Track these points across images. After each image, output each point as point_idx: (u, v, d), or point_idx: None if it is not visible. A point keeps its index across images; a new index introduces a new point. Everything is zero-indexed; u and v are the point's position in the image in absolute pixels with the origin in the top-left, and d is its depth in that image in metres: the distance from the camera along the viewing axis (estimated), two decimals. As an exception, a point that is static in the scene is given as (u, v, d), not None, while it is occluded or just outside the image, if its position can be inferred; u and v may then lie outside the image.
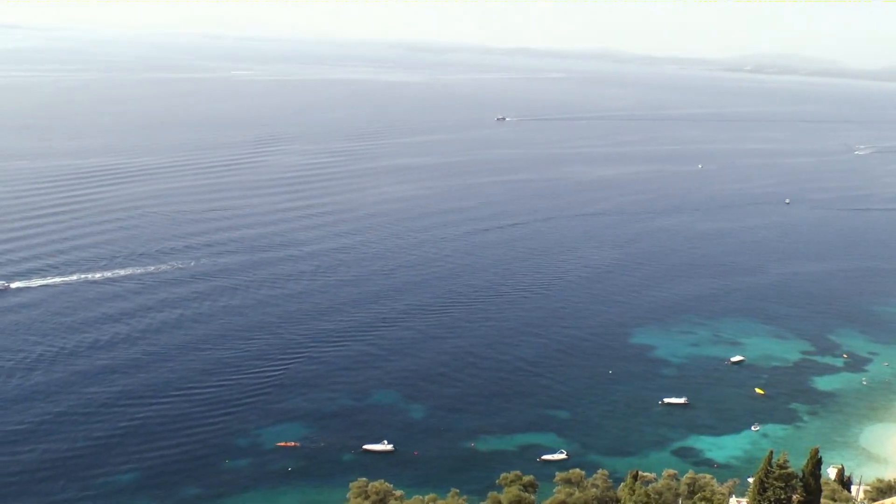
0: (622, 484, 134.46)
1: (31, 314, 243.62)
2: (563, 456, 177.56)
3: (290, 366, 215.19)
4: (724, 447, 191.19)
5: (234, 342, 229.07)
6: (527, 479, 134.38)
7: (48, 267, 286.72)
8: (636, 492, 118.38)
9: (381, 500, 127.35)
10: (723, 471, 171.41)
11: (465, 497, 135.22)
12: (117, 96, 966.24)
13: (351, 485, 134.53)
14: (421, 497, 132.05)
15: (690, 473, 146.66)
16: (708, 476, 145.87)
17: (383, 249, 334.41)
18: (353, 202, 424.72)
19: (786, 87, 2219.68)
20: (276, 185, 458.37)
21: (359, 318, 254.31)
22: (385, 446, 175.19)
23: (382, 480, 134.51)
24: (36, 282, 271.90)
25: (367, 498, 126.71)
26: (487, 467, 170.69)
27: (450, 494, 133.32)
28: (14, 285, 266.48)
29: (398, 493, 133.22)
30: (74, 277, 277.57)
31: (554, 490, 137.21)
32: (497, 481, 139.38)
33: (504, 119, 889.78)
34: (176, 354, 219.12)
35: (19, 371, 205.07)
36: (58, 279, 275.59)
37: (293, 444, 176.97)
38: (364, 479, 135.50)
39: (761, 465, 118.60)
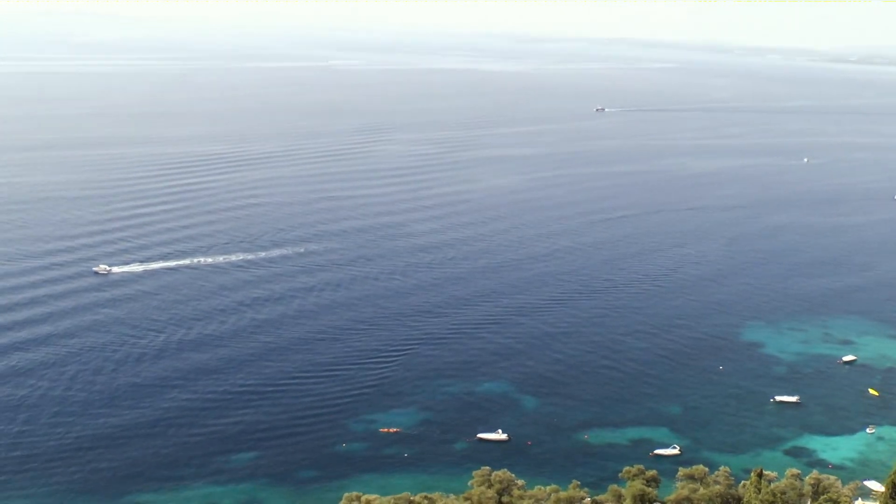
0: (745, 482, 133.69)
1: (146, 299, 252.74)
2: (675, 451, 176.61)
3: (403, 355, 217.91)
4: (838, 448, 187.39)
5: (349, 332, 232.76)
6: (650, 473, 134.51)
7: (159, 253, 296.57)
8: (762, 490, 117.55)
9: (504, 489, 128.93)
10: (837, 472, 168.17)
11: (585, 489, 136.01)
12: (223, 84, 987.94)
13: (474, 473, 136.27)
14: (542, 487, 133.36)
15: (814, 474, 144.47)
16: (832, 477, 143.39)
17: (491, 241, 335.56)
18: (460, 193, 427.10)
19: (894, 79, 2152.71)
20: (382, 175, 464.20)
21: (469, 310, 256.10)
22: (499, 435, 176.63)
23: (505, 469, 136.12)
24: (144, 267, 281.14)
25: (490, 486, 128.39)
26: (601, 460, 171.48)
27: (570, 486, 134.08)
28: (117, 269, 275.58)
29: (520, 482, 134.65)
30: (186, 262, 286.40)
31: (676, 485, 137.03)
32: (620, 475, 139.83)
33: (603, 110, 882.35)
34: (292, 343, 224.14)
35: (139, 356, 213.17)
36: (170, 263, 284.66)
37: (395, 430, 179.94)
38: (487, 467, 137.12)
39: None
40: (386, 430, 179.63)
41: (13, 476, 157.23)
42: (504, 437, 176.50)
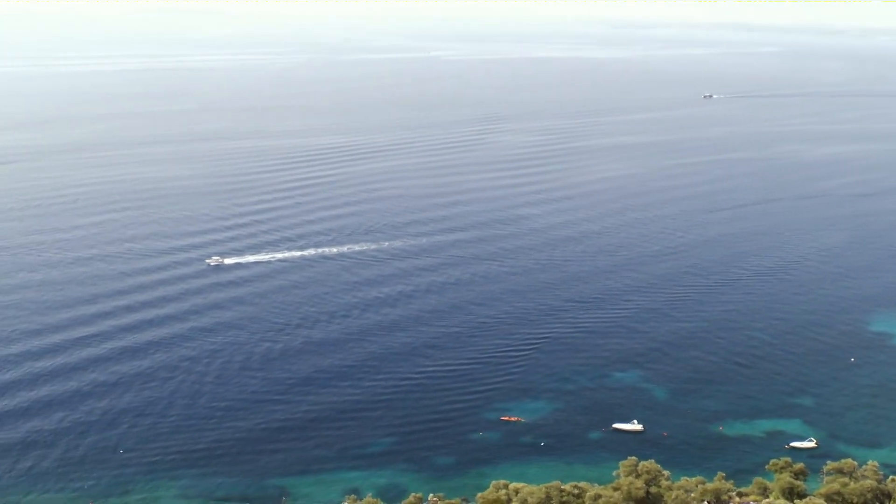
0: (893, 477, 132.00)
1: (267, 292, 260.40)
2: (811, 444, 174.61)
3: (535, 348, 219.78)
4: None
5: (479, 325, 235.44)
6: (797, 466, 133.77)
7: (273, 245, 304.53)
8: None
9: (652, 480, 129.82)
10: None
11: (731, 481, 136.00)
12: (333, 77, 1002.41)
13: (621, 463, 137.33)
14: (688, 478, 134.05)
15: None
16: None
17: (611, 233, 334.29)
18: (574, 184, 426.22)
19: None
20: (495, 165, 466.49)
21: (594, 300, 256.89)
22: (635, 426, 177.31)
23: (652, 460, 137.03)
24: (255, 258, 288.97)
25: (638, 476, 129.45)
26: (736, 452, 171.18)
27: (716, 478, 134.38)
28: (229, 261, 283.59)
29: (666, 473, 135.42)
30: (310, 252, 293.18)
31: (824, 479, 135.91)
32: (766, 467, 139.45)
33: (711, 96, 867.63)
34: (424, 333, 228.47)
35: (271, 348, 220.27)
36: (294, 253, 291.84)
37: (516, 419, 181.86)
38: (633, 457, 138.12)
39: None
40: (506, 418, 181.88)
41: (171, 462, 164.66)
42: (639, 427, 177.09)
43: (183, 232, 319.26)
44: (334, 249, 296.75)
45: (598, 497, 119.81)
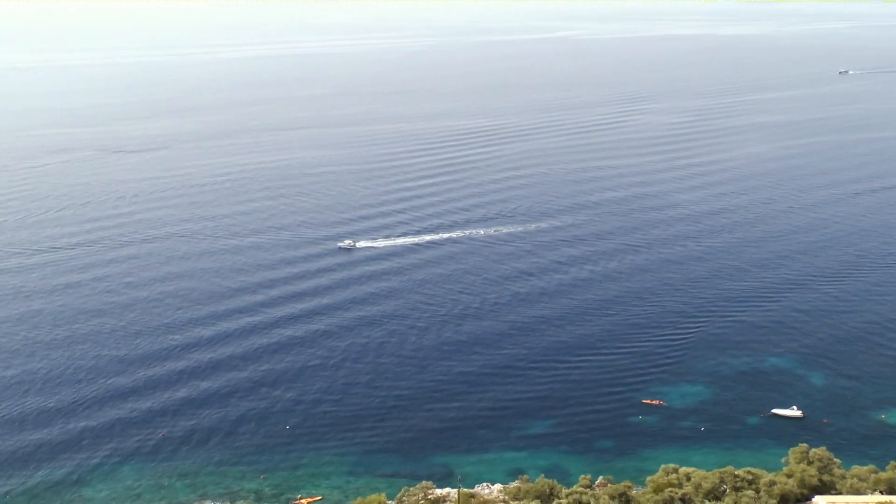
0: None
1: (419, 271, 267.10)
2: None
3: (692, 331, 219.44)
4: None
5: (632, 308, 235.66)
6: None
7: (410, 228, 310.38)
8: None
9: (824, 468, 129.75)
10: None
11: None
12: (460, 59, 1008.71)
13: (791, 450, 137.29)
14: (860, 466, 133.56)
15: None
16: None
17: (756, 214, 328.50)
18: (716, 162, 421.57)
19: None
20: (635, 145, 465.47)
21: (747, 285, 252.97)
22: (794, 412, 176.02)
23: (824, 447, 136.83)
24: (397, 241, 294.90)
25: (810, 463, 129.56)
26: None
27: (889, 467, 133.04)
28: (361, 244, 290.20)
29: (837, 461, 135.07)
30: (451, 234, 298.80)
31: None
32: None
33: (847, 72, 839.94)
34: (574, 318, 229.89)
35: (428, 327, 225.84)
36: (442, 235, 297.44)
37: (658, 402, 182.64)
38: (804, 444, 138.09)
39: None
40: (648, 401, 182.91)
41: (337, 439, 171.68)
42: (798, 413, 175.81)
43: (321, 217, 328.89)
44: (481, 231, 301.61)
45: (772, 484, 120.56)
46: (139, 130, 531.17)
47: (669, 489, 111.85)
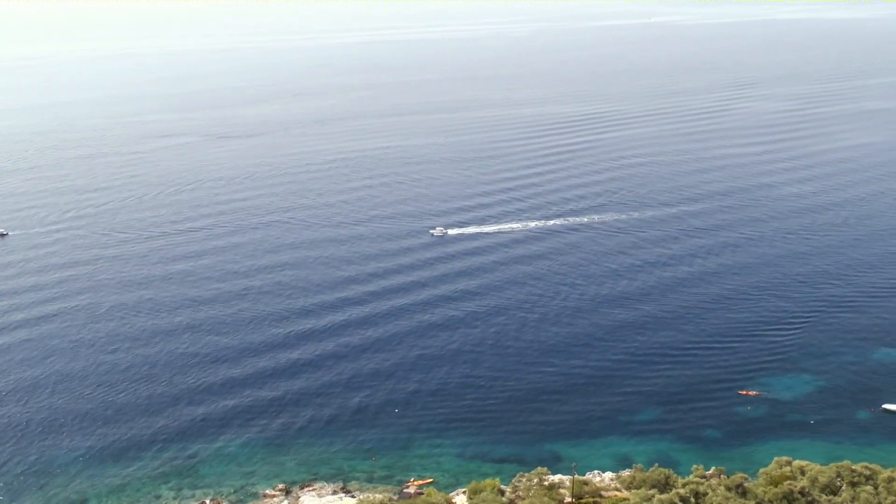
0: None
1: (524, 257, 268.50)
2: None
3: (797, 322, 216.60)
4: None
5: (741, 298, 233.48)
6: None
7: (527, 212, 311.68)
8: None
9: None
10: None
11: None
12: (562, 45, 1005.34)
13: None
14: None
15: None
16: None
17: (868, 205, 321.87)
18: (825, 152, 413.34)
19: None
20: (746, 132, 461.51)
21: (860, 278, 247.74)
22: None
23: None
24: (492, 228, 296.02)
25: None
26: None
27: None
28: (452, 232, 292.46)
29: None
30: (557, 223, 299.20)
31: None
32: None
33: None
34: (687, 308, 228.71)
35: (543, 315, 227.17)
36: (541, 224, 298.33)
37: (754, 392, 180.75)
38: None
39: None
40: (744, 392, 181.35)
41: (446, 422, 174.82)
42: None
43: (419, 204, 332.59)
44: (584, 219, 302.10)
45: (891, 480, 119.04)
46: (248, 116, 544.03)
47: (788, 482, 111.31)
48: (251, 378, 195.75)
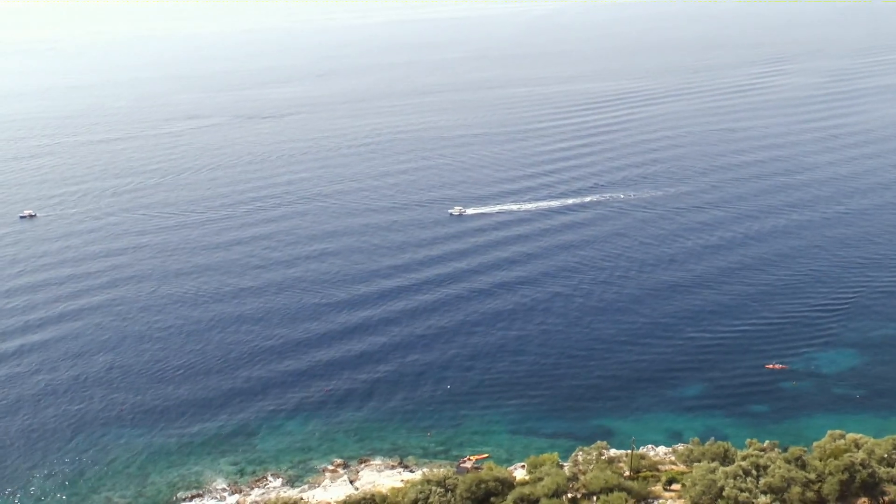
0: None
1: (575, 236, 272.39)
2: None
3: (846, 298, 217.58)
4: None
5: (778, 277, 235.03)
6: None
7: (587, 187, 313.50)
8: None
9: None
10: None
11: None
12: (588, 22, 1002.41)
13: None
14: None
15: None
16: None
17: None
18: (859, 123, 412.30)
19: None
20: (777, 106, 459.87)
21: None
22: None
23: None
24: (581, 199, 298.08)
25: None
26: None
27: None
28: (471, 211, 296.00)
29: None
30: (591, 199, 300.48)
31: None
32: None
33: None
34: (732, 282, 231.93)
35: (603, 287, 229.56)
36: (575, 200, 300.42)
37: (781, 366, 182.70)
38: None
39: None
40: (771, 366, 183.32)
41: (497, 399, 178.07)
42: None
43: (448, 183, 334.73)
44: (620, 195, 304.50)
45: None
46: (285, 93, 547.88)
47: (847, 454, 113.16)
48: (305, 359, 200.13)
